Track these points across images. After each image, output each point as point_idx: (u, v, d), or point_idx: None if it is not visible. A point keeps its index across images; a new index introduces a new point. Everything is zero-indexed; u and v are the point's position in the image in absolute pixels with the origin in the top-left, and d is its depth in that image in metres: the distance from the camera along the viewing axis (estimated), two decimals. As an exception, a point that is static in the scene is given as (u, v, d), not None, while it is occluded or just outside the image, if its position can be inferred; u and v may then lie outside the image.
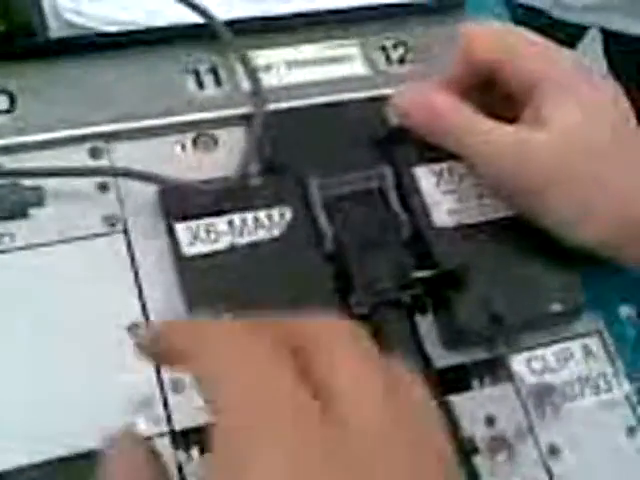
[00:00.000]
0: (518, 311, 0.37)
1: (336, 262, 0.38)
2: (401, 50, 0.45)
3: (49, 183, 0.38)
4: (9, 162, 0.38)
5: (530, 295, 0.38)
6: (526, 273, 0.38)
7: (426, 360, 0.37)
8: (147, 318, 0.36)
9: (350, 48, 0.44)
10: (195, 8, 0.42)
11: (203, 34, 0.42)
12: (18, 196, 0.38)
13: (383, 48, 0.45)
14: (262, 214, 0.38)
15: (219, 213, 0.38)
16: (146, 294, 0.36)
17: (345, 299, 0.37)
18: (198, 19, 0.42)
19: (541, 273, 0.38)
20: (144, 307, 0.36)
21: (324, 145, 0.41)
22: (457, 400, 0.37)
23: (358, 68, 0.44)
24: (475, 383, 0.38)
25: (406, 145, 0.40)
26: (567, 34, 1.03)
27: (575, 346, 0.39)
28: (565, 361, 0.39)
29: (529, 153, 0.36)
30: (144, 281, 0.37)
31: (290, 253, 0.38)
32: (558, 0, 0.99)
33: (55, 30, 0.41)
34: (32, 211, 0.37)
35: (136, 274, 0.37)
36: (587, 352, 0.39)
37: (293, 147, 0.40)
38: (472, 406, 0.37)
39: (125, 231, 0.38)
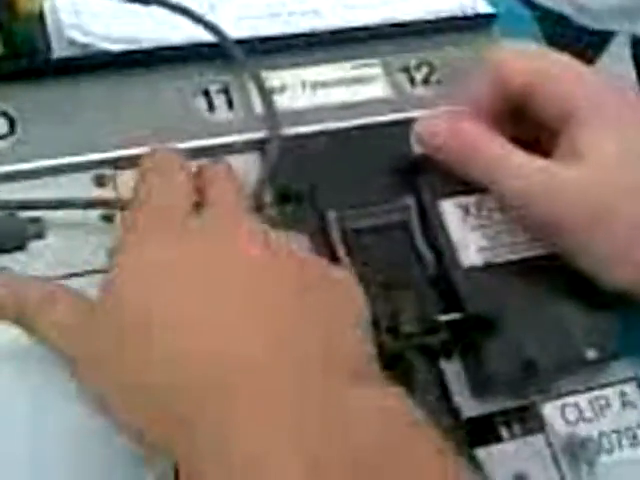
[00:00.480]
0: (551, 357, 0.34)
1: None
2: (425, 70, 0.42)
3: (50, 213, 0.35)
4: (7, 191, 0.35)
5: (564, 340, 0.35)
6: (559, 316, 0.35)
7: (453, 409, 0.34)
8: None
9: (371, 68, 0.42)
10: (206, 25, 0.39)
11: (214, 53, 0.40)
12: (16, 228, 0.35)
13: (406, 68, 0.42)
14: (276, 248, 0.36)
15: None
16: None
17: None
18: (209, 37, 0.40)
19: (575, 316, 0.35)
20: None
21: (343, 173, 0.38)
22: (485, 454, 0.34)
23: (379, 90, 0.41)
24: (504, 433, 0.35)
25: (431, 175, 0.37)
26: (592, 41, 1.01)
27: (611, 394, 0.36)
28: (601, 410, 0.36)
29: (562, 192, 0.34)
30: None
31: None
32: (583, 6, 0.96)
33: (58, 49, 0.38)
34: (31, 244, 0.35)
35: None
36: (624, 400, 0.36)
37: (310, 175, 0.38)
38: (501, 461, 0.34)
39: (130, 266, 0.35)
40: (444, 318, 0.35)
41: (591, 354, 0.35)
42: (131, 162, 0.37)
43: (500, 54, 0.37)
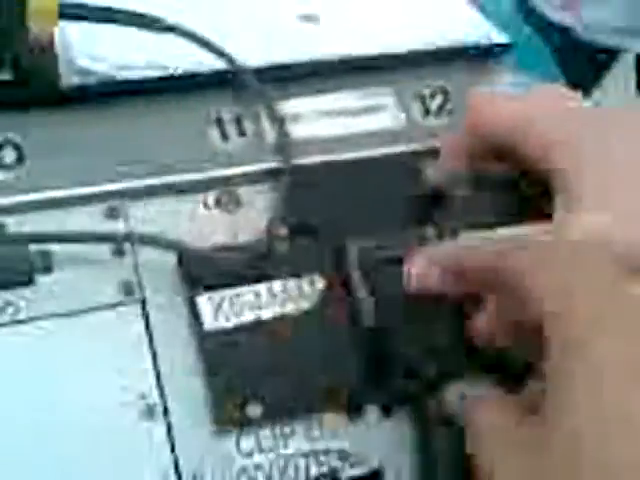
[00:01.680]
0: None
1: (373, 338, 0.35)
2: (439, 99, 0.42)
3: (59, 246, 0.34)
4: (14, 223, 0.34)
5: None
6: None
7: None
8: (163, 399, 0.33)
9: (384, 97, 0.41)
10: (218, 53, 0.39)
11: (227, 82, 0.39)
12: (23, 261, 0.34)
13: (420, 97, 0.42)
14: (291, 284, 0.35)
15: (244, 283, 0.35)
16: (162, 372, 0.33)
17: (384, 383, 0.34)
18: (221, 65, 0.39)
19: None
20: (161, 387, 0.33)
21: (358, 204, 0.37)
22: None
23: (393, 119, 0.41)
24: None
25: (448, 208, 0.37)
26: (598, 58, 1.01)
27: None
28: None
29: None
30: (161, 357, 0.33)
31: (322, 328, 0.35)
32: (590, 23, 0.96)
33: (68, 77, 0.37)
34: (39, 278, 0.34)
35: (152, 349, 0.33)
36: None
37: (324, 206, 0.37)
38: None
39: (142, 301, 0.34)
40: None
41: None
42: (143, 193, 0.36)
43: (475, 100, 0.37)
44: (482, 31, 0.44)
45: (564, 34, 0.94)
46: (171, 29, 0.38)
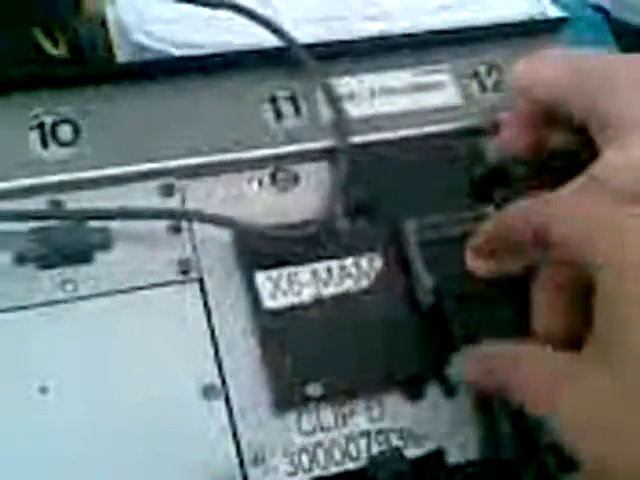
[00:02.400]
0: None
1: (434, 317, 0.34)
2: (495, 75, 0.41)
3: (116, 224, 0.34)
4: (71, 200, 0.34)
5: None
6: None
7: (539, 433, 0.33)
8: (223, 379, 0.32)
9: (440, 75, 0.40)
10: (274, 30, 0.38)
11: (282, 59, 0.39)
12: (82, 238, 0.34)
13: (476, 74, 0.41)
14: (349, 262, 0.35)
15: (302, 261, 0.35)
16: (222, 351, 0.33)
17: (442, 360, 0.34)
18: (276, 42, 0.38)
19: None
20: (220, 366, 0.33)
21: (416, 183, 0.37)
22: None
23: (450, 96, 0.40)
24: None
25: (511, 188, 0.36)
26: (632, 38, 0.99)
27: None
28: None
29: None
30: (219, 336, 0.33)
31: (380, 307, 0.34)
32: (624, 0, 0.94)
33: (123, 53, 0.37)
34: (98, 255, 0.34)
35: (211, 327, 0.33)
36: None
37: (382, 185, 0.36)
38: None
39: (200, 279, 0.34)
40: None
41: None
42: (198, 171, 0.36)
43: (521, 66, 0.36)
44: (538, 6, 0.43)
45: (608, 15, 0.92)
46: (228, 6, 0.38)
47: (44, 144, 0.36)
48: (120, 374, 0.32)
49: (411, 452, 0.32)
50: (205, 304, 0.34)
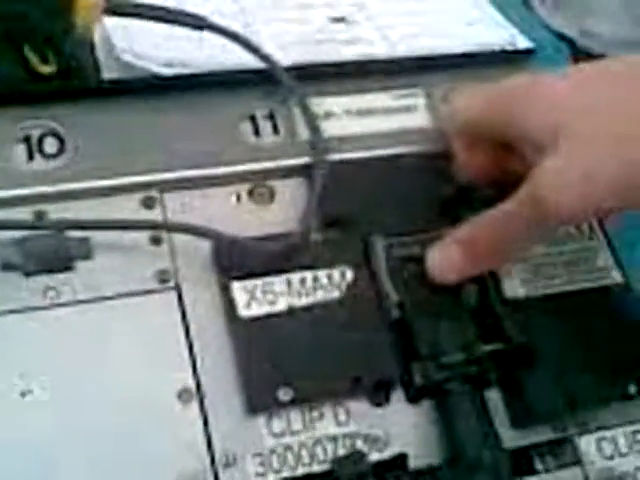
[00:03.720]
0: (593, 392, 0.35)
1: (399, 329, 0.36)
2: (466, 101, 0.43)
3: (97, 234, 0.36)
4: (55, 211, 0.36)
5: (605, 375, 0.35)
6: (601, 351, 0.36)
7: (496, 439, 0.34)
8: (198, 383, 0.34)
9: (415, 98, 0.42)
10: (255, 51, 0.40)
11: (262, 79, 0.40)
12: (63, 248, 0.35)
13: (446, 99, 0.43)
14: (322, 274, 0.36)
15: (277, 272, 0.36)
16: (197, 357, 0.34)
17: (406, 368, 0.35)
18: (257, 63, 0.40)
19: (617, 350, 0.36)
20: (195, 371, 0.34)
21: (388, 201, 0.38)
22: (523, 485, 0.35)
23: (423, 119, 0.42)
24: (539, 466, 0.36)
25: (475, 207, 0.38)
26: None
27: (648, 429, 0.37)
28: (636, 444, 0.36)
29: None
30: (196, 343, 0.34)
31: (350, 317, 0.36)
32: (588, 31, 0.97)
33: (109, 71, 0.39)
34: (78, 264, 0.35)
35: (187, 334, 0.35)
36: (661, 435, 0.37)
37: (355, 202, 0.38)
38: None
39: (177, 288, 0.36)
40: (487, 349, 0.35)
41: (632, 389, 0.35)
42: (179, 185, 0.38)
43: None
44: (507, 36, 0.45)
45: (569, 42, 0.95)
46: (209, 27, 0.39)
47: (30, 156, 0.37)
48: (99, 378, 0.33)
49: (375, 456, 0.34)
50: (183, 312, 0.35)
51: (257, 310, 0.35)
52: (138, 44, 0.39)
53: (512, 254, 0.37)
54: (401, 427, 0.35)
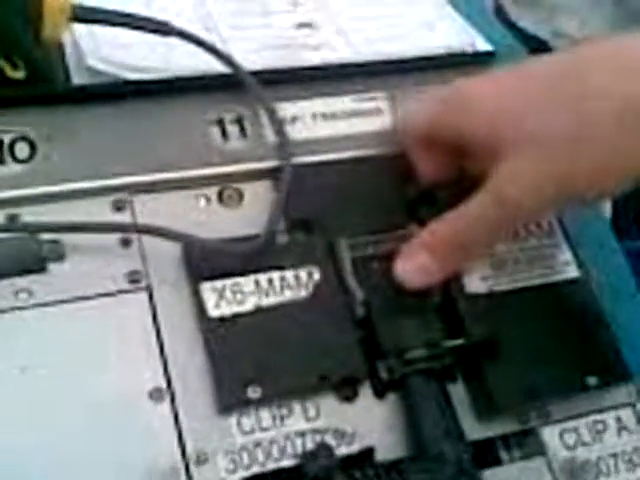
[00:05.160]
0: (554, 384, 0.36)
1: (364, 327, 0.37)
2: (429, 103, 0.44)
3: (69, 237, 0.36)
4: (27, 214, 0.36)
5: (566, 367, 0.37)
6: (561, 344, 0.37)
7: (459, 432, 0.35)
8: (169, 382, 0.35)
9: (378, 101, 0.43)
10: (221, 57, 0.41)
11: (229, 84, 0.41)
12: (36, 250, 0.36)
13: (410, 101, 0.44)
14: (289, 274, 0.37)
15: (245, 273, 0.37)
16: (168, 356, 0.35)
17: (373, 364, 0.36)
18: (224, 68, 0.41)
19: (577, 344, 0.37)
20: (166, 370, 0.35)
21: (353, 202, 0.39)
22: (487, 476, 0.36)
23: (387, 122, 0.43)
24: (504, 457, 0.37)
25: (436, 206, 0.39)
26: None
27: (608, 419, 0.38)
28: (598, 434, 0.38)
29: None
30: (166, 342, 0.35)
31: (317, 316, 0.37)
32: (560, 31, 0.98)
33: (78, 77, 0.39)
34: (51, 266, 0.36)
35: (158, 334, 0.35)
36: (620, 426, 0.38)
37: (321, 203, 0.39)
38: (504, 483, 0.36)
39: (148, 288, 0.36)
40: (449, 344, 0.36)
41: (592, 381, 0.36)
42: (149, 188, 0.38)
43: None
44: (468, 39, 0.46)
45: (534, 41, 0.96)
46: (177, 33, 0.40)
47: (1, 161, 0.38)
48: (71, 377, 0.34)
49: (344, 450, 0.35)
50: (153, 312, 0.36)
51: (226, 310, 0.36)
52: (106, 50, 0.40)
53: (478, 254, 0.38)
54: (369, 422, 0.36)
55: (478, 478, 0.34)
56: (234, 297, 0.36)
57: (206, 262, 0.36)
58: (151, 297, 0.36)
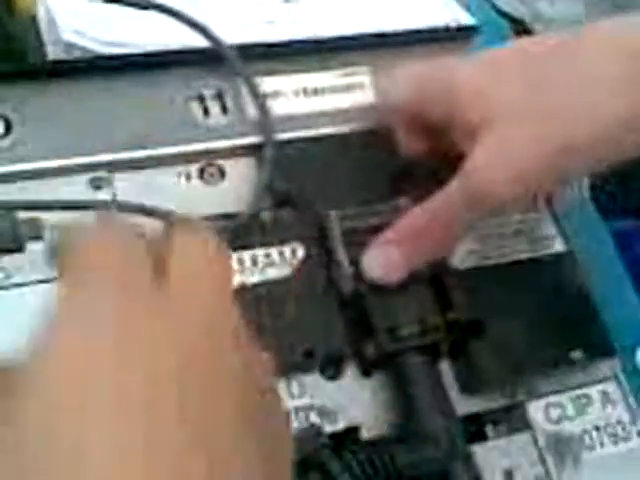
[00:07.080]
0: (539, 358, 0.36)
1: (353, 302, 0.36)
2: (412, 78, 0.44)
3: (47, 214, 0.36)
4: (4, 192, 0.36)
5: (550, 342, 0.36)
6: (546, 319, 0.37)
7: (449, 407, 0.35)
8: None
9: (361, 76, 0.43)
10: (201, 31, 0.40)
11: (209, 59, 0.40)
12: (13, 229, 0.35)
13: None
14: (273, 251, 0.37)
15: (229, 250, 0.36)
16: (150, 335, 0.34)
17: (361, 342, 0.36)
18: (204, 43, 0.40)
19: (562, 319, 0.37)
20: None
21: (336, 178, 0.39)
22: (473, 451, 0.35)
23: (369, 97, 0.42)
24: (491, 432, 0.37)
25: (421, 178, 0.38)
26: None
27: (593, 392, 0.38)
28: (583, 408, 0.38)
29: None
30: (148, 321, 0.35)
31: (302, 293, 0.36)
32: (539, 12, 0.98)
33: (54, 52, 0.38)
34: (29, 245, 0.35)
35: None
36: (605, 398, 0.38)
37: (304, 180, 0.38)
38: (490, 457, 0.35)
39: (128, 268, 0.36)
40: (440, 319, 0.36)
41: (576, 355, 0.36)
42: (128, 165, 0.38)
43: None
44: (451, 13, 0.46)
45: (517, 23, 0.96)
46: (155, 7, 0.39)
47: (-23, 138, 0.37)
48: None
49: (329, 428, 0.34)
50: (135, 291, 0.35)
51: (209, 288, 0.35)
52: (82, 24, 0.39)
53: (451, 241, 0.37)
54: (354, 399, 0.35)
55: (469, 455, 0.34)
56: (217, 275, 0.36)
57: None
58: None
